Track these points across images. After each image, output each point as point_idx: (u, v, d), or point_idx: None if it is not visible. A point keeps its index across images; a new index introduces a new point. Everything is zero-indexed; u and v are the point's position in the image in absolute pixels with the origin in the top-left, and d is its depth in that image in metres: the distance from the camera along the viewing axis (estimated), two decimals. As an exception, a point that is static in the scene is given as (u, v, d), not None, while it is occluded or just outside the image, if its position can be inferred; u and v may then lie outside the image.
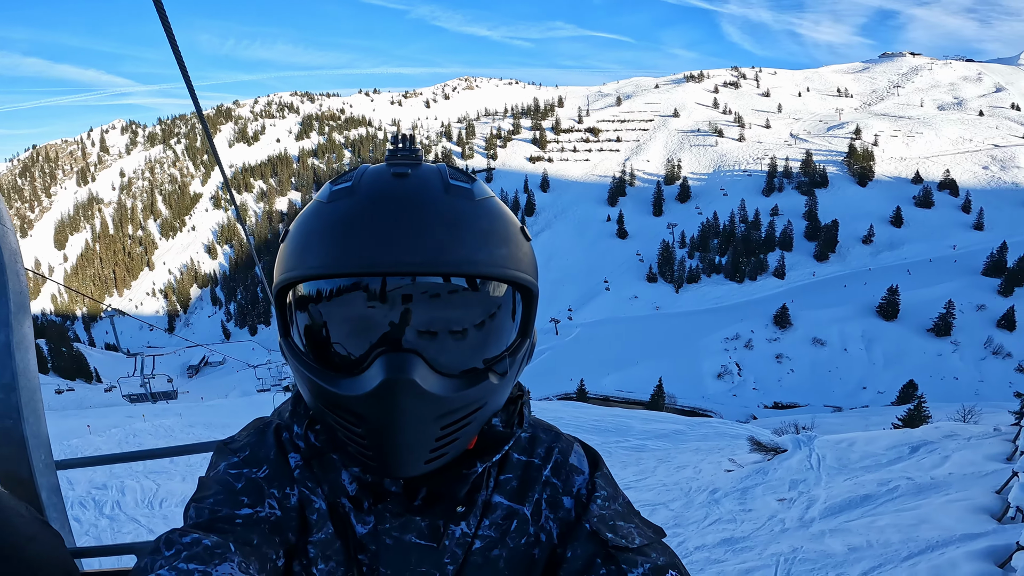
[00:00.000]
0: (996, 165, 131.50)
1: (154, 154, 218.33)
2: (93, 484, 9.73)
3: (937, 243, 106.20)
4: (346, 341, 0.69)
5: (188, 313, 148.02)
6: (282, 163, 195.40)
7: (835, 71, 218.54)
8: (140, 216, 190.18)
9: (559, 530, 0.83)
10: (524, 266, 0.72)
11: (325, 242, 0.66)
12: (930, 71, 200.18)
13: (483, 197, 0.72)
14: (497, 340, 0.73)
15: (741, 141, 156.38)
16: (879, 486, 9.61)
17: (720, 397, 77.97)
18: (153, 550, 0.64)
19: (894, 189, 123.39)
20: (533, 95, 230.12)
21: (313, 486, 0.79)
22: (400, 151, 0.74)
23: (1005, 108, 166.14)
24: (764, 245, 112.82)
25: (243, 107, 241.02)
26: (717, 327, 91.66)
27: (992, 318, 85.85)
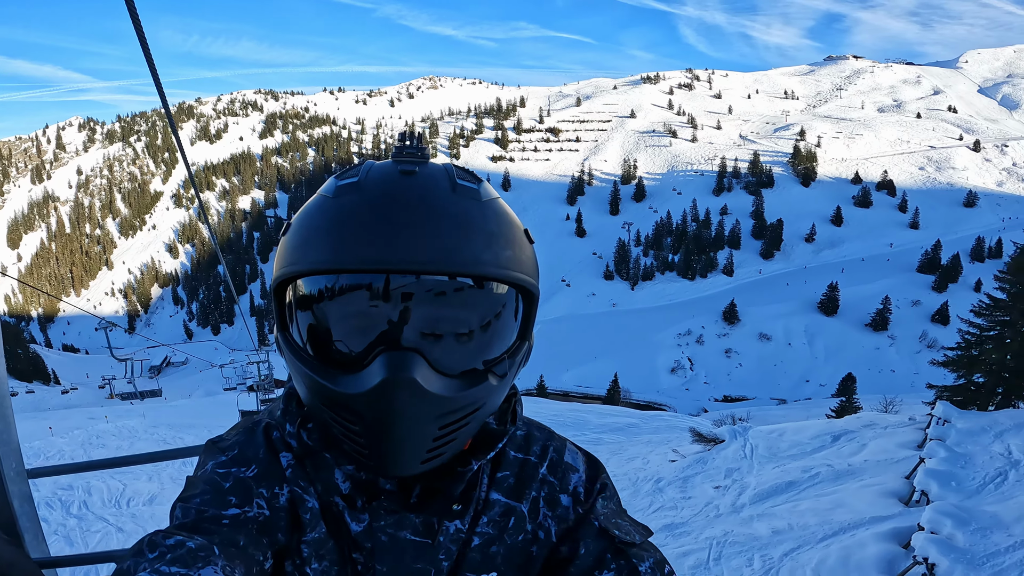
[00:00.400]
0: (932, 166, 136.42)
1: (113, 152, 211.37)
2: (59, 485, 9.74)
3: (875, 241, 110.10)
4: (347, 338, 0.68)
5: (149, 313, 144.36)
6: (245, 161, 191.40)
7: (783, 73, 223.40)
8: (98, 215, 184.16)
9: (557, 528, 0.83)
10: (527, 268, 0.71)
11: (329, 237, 0.65)
12: (872, 74, 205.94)
13: (489, 198, 0.71)
14: (498, 342, 0.72)
15: (694, 142, 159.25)
16: (802, 473, 10.34)
17: (673, 391, 79.80)
18: (136, 552, 0.62)
19: (835, 189, 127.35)
20: (496, 95, 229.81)
21: (306, 485, 0.77)
22: (407, 148, 0.72)
23: (942, 111, 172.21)
24: (714, 243, 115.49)
25: (206, 104, 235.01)
26: (670, 323, 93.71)
27: (927, 313, 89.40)
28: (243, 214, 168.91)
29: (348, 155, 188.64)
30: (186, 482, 0.78)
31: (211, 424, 21.22)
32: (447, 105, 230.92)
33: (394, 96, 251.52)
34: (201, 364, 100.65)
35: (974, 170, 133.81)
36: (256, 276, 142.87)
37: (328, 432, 0.76)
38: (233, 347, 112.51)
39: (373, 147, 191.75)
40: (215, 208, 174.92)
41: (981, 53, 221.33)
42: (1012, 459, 8.66)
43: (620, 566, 0.75)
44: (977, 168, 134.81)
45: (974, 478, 8.27)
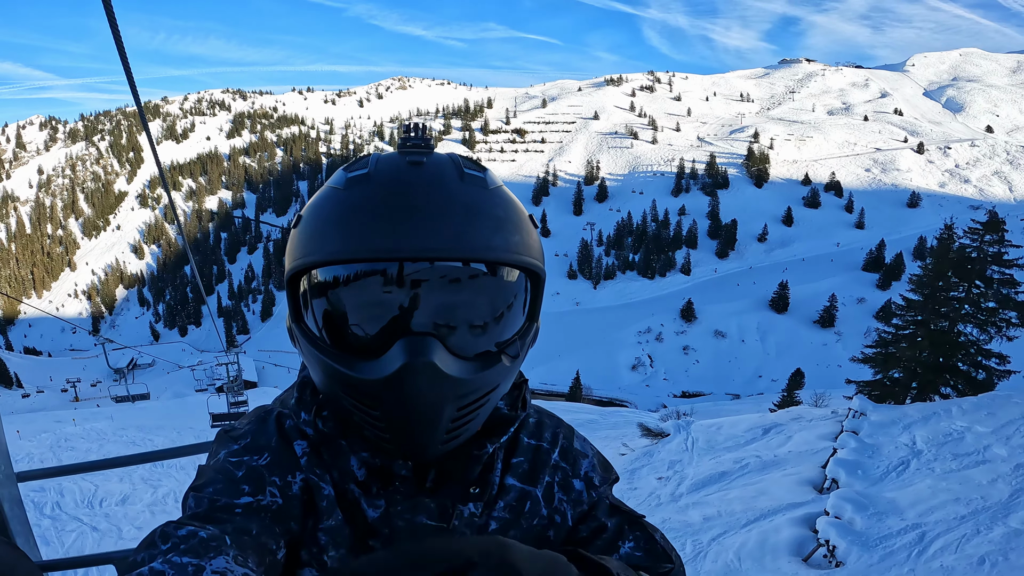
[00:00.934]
0: (877, 167, 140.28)
1: (75, 151, 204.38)
2: (30, 487, 9.55)
3: (823, 241, 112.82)
4: (365, 325, 0.69)
5: (114, 315, 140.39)
6: (212, 161, 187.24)
7: (739, 76, 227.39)
8: (60, 215, 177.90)
9: (573, 511, 0.85)
10: (535, 252, 0.73)
11: (343, 227, 0.65)
12: (823, 77, 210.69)
13: (495, 186, 0.72)
14: (510, 324, 0.74)
15: (654, 143, 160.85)
16: (734, 464, 10.84)
17: (634, 388, 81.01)
18: (148, 543, 0.61)
19: (786, 190, 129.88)
20: (464, 96, 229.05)
21: (322, 472, 0.77)
22: (412, 139, 0.73)
23: (888, 113, 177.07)
24: (673, 243, 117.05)
25: (172, 104, 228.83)
26: (631, 321, 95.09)
27: (871, 310, 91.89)
28: (210, 214, 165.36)
29: (316, 155, 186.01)
30: (198, 471, 0.78)
31: (180, 426, 21.06)
32: (416, 106, 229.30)
33: (363, 96, 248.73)
34: (168, 366, 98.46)
35: (918, 171, 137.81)
36: (224, 277, 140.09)
37: (344, 419, 0.77)
38: (201, 348, 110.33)
39: (342, 147, 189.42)
40: (181, 208, 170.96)
41: (927, 56, 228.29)
42: (915, 449, 9.34)
43: (637, 537, 0.82)
44: (921, 169, 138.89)
45: (879, 467, 8.90)
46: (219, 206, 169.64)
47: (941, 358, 13.11)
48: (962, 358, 12.84)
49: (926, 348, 13.25)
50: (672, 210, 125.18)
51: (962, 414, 9.93)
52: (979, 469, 7.73)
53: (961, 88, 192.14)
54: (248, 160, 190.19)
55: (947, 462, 8.36)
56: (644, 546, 0.80)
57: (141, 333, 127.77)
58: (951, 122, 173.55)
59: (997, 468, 7.57)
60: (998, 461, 7.88)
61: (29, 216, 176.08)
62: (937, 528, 6.51)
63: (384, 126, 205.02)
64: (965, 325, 13.19)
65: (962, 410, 10.18)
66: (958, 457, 8.42)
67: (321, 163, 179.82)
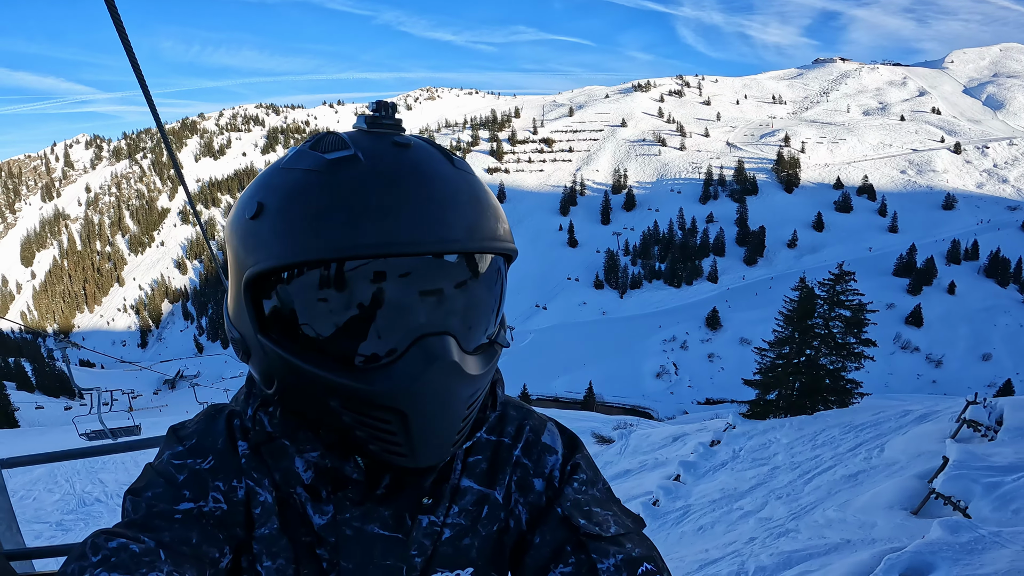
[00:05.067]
0: (913, 169, 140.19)
1: (120, 169, 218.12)
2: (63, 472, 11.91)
3: (855, 246, 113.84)
4: (380, 329, 0.61)
5: (160, 328, 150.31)
6: (248, 177, 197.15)
7: (771, 77, 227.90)
8: (108, 232, 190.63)
9: (528, 515, 0.77)
10: (512, 237, 0.70)
11: (346, 217, 0.57)
12: (858, 76, 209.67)
13: (473, 171, 0.68)
14: (499, 312, 0.71)
15: (682, 150, 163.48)
16: (639, 464, 14.82)
17: (658, 395, 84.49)
18: (79, 555, 0.59)
19: (817, 195, 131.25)
20: (491, 106, 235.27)
21: (259, 476, 0.72)
22: (384, 118, 0.66)
23: (926, 112, 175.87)
24: (700, 251, 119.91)
25: (208, 120, 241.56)
26: (656, 330, 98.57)
27: (901, 315, 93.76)
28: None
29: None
30: (143, 471, 0.74)
31: None
32: (444, 116, 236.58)
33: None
34: (213, 378, 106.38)
35: (954, 172, 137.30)
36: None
37: (291, 416, 0.70)
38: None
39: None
40: (220, 224, 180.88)
41: (967, 53, 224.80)
42: (738, 454, 13.76)
43: (580, 561, 0.68)
44: (957, 170, 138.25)
45: (706, 467, 13.41)
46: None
47: (804, 381, 17.39)
48: (826, 385, 17.06)
49: (797, 374, 17.53)
50: (700, 218, 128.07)
51: (784, 429, 14.34)
52: (753, 470, 12.20)
53: (1001, 84, 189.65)
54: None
55: (745, 464, 12.82)
56: (583, 573, 0.67)
57: (186, 346, 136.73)
58: (991, 120, 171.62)
59: (761, 469, 12.06)
60: (771, 465, 12.35)
61: (79, 233, 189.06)
62: (700, 507, 11.05)
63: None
64: (826, 357, 17.48)
65: (790, 425, 14.59)
66: (755, 461, 12.86)
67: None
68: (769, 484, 11.44)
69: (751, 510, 10.45)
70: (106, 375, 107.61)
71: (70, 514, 10.79)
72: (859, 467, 10.46)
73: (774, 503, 10.61)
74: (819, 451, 12.32)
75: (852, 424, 13.19)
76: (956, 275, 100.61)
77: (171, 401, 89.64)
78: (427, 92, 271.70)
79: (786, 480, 11.32)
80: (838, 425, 13.47)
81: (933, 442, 9.78)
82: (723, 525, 10.14)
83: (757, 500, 10.92)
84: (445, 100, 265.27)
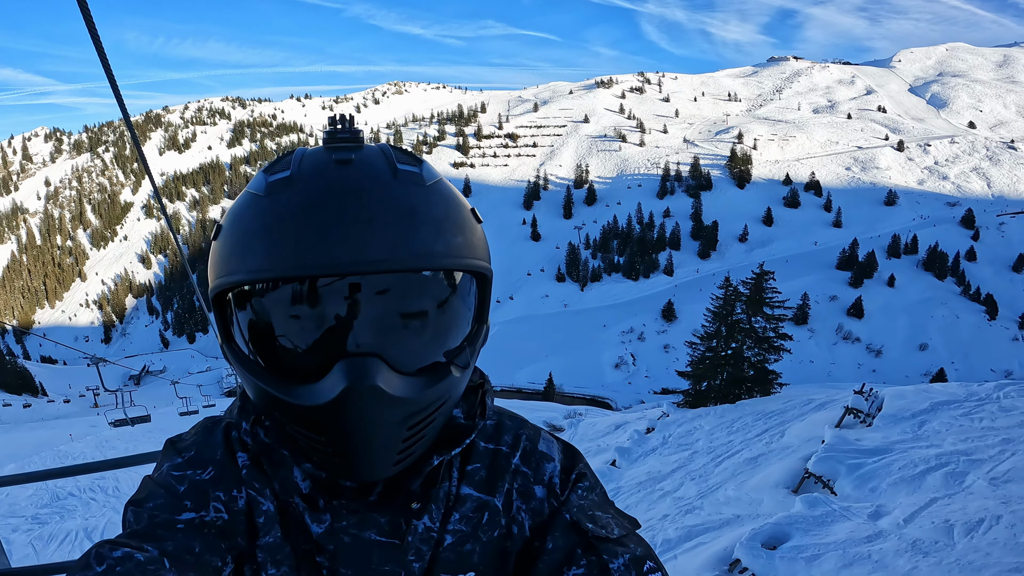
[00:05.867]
0: (857, 166, 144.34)
1: (81, 162, 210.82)
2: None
3: (802, 240, 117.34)
4: (299, 348, 0.62)
5: (125, 323, 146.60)
6: (214, 171, 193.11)
7: (728, 75, 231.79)
8: (69, 226, 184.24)
9: (531, 521, 0.78)
10: (480, 252, 0.67)
11: (267, 242, 0.59)
12: (810, 75, 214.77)
13: (433, 181, 0.65)
14: (456, 331, 0.68)
15: (642, 146, 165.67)
16: (584, 451, 16.06)
17: (617, 385, 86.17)
18: (83, 565, 0.58)
19: (767, 190, 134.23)
20: (458, 101, 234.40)
21: (260, 487, 0.73)
22: (339, 132, 0.66)
23: (872, 111, 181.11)
24: (657, 245, 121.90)
25: (173, 113, 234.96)
26: (615, 322, 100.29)
27: (843, 307, 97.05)
28: (214, 224, 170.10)
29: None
30: (141, 483, 0.74)
31: None
32: (411, 111, 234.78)
33: (360, 102, 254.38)
34: (179, 373, 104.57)
35: (897, 169, 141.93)
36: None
37: (293, 438, 0.70)
38: (208, 355, 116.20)
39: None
40: (186, 218, 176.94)
41: (914, 52, 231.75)
42: (667, 440, 14.79)
43: (591, 563, 0.70)
44: (900, 167, 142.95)
45: (639, 452, 14.39)
46: (222, 215, 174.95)
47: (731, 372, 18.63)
48: (750, 376, 18.29)
49: (725, 366, 18.72)
50: (657, 212, 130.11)
51: (708, 416, 15.39)
52: (676, 455, 13.18)
53: (946, 84, 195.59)
54: (249, 169, 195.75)
55: (671, 450, 13.81)
56: (596, 573, 0.69)
57: (152, 340, 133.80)
58: (934, 118, 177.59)
59: (683, 454, 13.04)
60: (692, 450, 13.34)
61: (39, 228, 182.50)
62: (628, 489, 11.95)
63: (380, 132, 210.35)
64: (750, 350, 18.73)
65: (714, 414, 15.65)
66: (680, 447, 13.85)
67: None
68: (688, 467, 12.42)
69: (669, 490, 11.38)
70: (69, 371, 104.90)
71: (44, 508, 10.97)
72: (760, 451, 11.47)
73: (688, 484, 11.57)
74: (733, 436, 13.35)
75: (764, 412, 14.29)
76: (896, 268, 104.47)
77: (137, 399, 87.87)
78: (395, 86, 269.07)
79: (701, 463, 12.31)
80: (753, 413, 14.56)
81: (823, 428, 10.81)
82: (645, 504, 11.05)
83: (675, 481, 11.87)
84: (413, 94, 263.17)
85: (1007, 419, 8.88)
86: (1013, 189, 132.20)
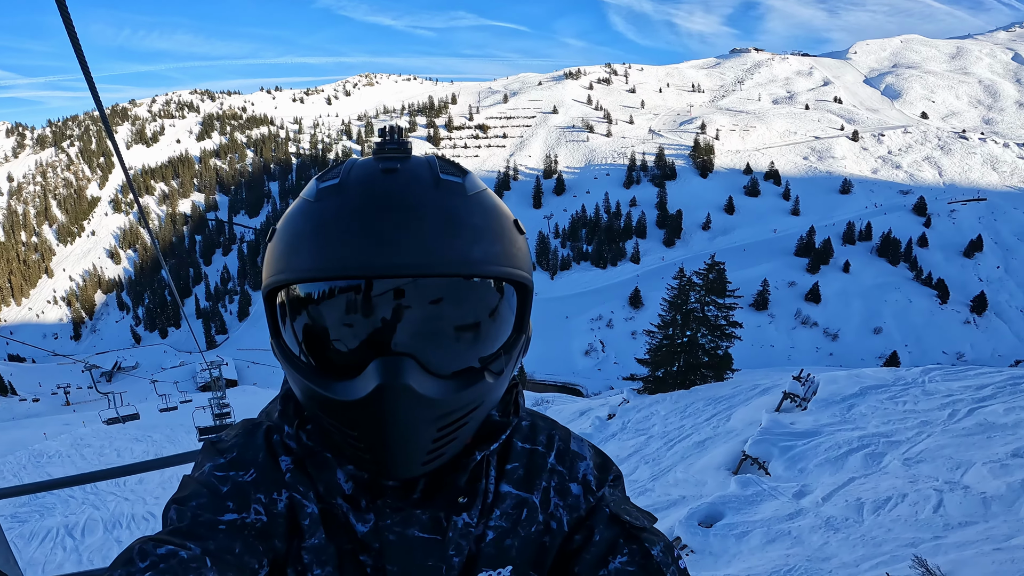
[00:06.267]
0: (814, 155, 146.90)
1: (45, 157, 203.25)
2: None
3: (762, 228, 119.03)
4: (339, 345, 0.65)
5: (94, 319, 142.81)
6: (183, 164, 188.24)
7: (692, 66, 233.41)
8: (34, 222, 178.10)
9: (569, 517, 0.82)
10: (519, 262, 0.69)
11: (313, 243, 0.62)
12: (770, 66, 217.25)
13: (476, 191, 0.67)
14: (492, 338, 0.70)
15: (608, 137, 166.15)
16: None
17: (587, 372, 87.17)
18: (126, 560, 0.59)
19: (729, 180, 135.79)
20: (428, 92, 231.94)
21: (305, 489, 0.74)
22: (388, 143, 0.69)
23: (829, 101, 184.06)
24: (623, 233, 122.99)
25: (140, 106, 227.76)
26: (584, 309, 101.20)
27: (801, 293, 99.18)
28: (184, 217, 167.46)
29: (286, 155, 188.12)
30: (182, 482, 0.75)
31: (174, 423, 25.96)
32: (383, 103, 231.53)
33: (331, 94, 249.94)
34: (152, 368, 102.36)
35: (852, 159, 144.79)
36: (200, 279, 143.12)
37: (329, 434, 0.72)
38: (181, 349, 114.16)
39: (311, 147, 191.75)
40: (155, 212, 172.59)
41: (869, 44, 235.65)
42: (626, 425, 15.32)
43: (633, 551, 0.75)
44: (855, 157, 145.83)
45: (600, 438, 14.89)
46: (192, 209, 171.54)
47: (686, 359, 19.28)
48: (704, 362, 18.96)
49: (681, 353, 19.35)
50: (624, 202, 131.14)
51: (665, 402, 15.94)
52: (634, 440, 13.68)
53: (900, 75, 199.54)
54: (219, 162, 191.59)
55: (630, 435, 14.31)
56: (639, 561, 0.74)
57: (123, 336, 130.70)
58: (888, 109, 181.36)
59: (640, 439, 13.54)
60: (648, 435, 13.86)
61: (2, 224, 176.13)
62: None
63: (352, 124, 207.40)
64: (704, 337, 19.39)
65: (670, 399, 16.21)
66: (637, 432, 14.36)
67: (291, 163, 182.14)
68: (643, 451, 12.92)
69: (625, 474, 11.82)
70: (37, 369, 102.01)
71: (23, 506, 11.03)
72: (708, 435, 12.02)
73: (642, 467, 12.03)
74: (685, 421, 13.91)
75: (714, 397, 14.87)
76: (851, 255, 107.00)
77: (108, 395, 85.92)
78: (366, 78, 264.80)
79: (655, 448, 12.81)
80: (704, 398, 15.14)
81: (765, 412, 11.38)
82: (600, 489, 11.49)
83: (631, 466, 12.32)
84: (384, 86, 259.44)
85: (928, 402, 9.49)
86: (964, 177, 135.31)
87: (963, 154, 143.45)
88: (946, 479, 6.23)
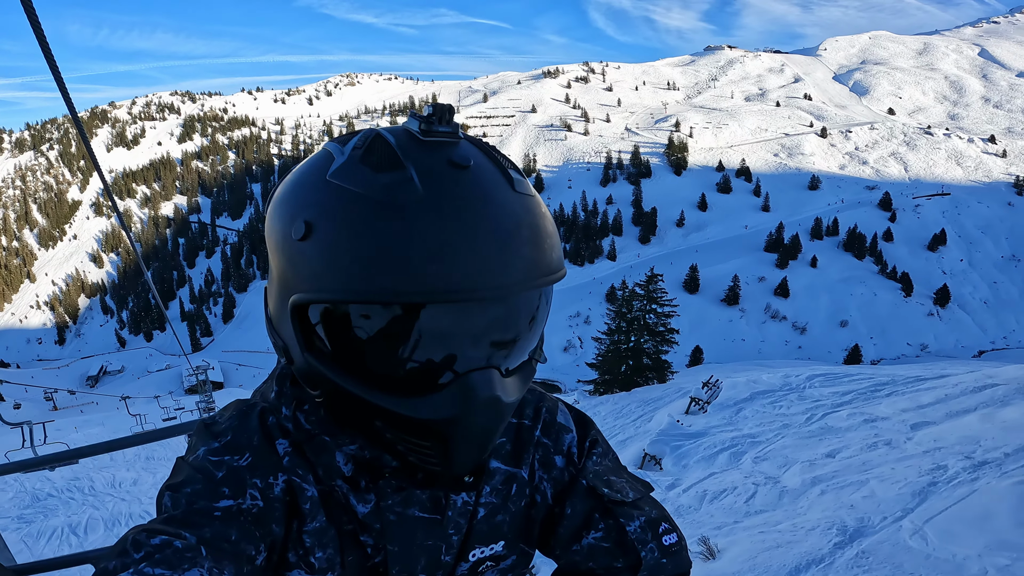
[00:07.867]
0: (784, 152, 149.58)
1: (24, 161, 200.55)
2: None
3: (734, 224, 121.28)
4: (424, 361, 0.61)
5: (79, 324, 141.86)
6: (165, 167, 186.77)
7: (667, 64, 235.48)
8: (14, 226, 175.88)
9: (553, 489, 0.81)
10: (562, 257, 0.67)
11: (402, 261, 0.54)
12: (743, 63, 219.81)
13: (528, 186, 0.64)
14: (541, 332, 0.70)
15: (586, 135, 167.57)
16: None
17: (566, 368, 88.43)
18: (120, 551, 0.56)
19: (702, 177, 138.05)
20: (409, 92, 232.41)
21: (304, 472, 0.71)
22: (439, 124, 0.61)
23: (799, 98, 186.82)
24: (600, 231, 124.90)
25: (120, 108, 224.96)
26: (563, 306, 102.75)
27: (770, 288, 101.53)
28: (167, 220, 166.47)
29: (268, 157, 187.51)
30: (176, 466, 0.71)
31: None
32: (364, 103, 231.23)
33: (312, 94, 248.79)
34: (138, 371, 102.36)
35: (820, 155, 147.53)
36: (184, 281, 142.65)
37: (327, 414, 0.71)
38: (167, 352, 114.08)
39: (293, 148, 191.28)
40: (138, 215, 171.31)
41: (839, 40, 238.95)
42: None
43: (608, 526, 0.74)
44: (823, 153, 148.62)
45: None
46: (175, 212, 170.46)
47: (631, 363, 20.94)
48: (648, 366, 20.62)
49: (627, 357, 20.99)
50: (600, 199, 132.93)
51: (607, 403, 17.49)
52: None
53: (868, 71, 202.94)
54: (201, 164, 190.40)
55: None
56: (614, 537, 0.73)
57: (107, 340, 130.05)
58: (856, 105, 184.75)
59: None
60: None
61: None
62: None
63: (333, 124, 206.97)
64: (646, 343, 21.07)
65: (612, 400, 17.76)
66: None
67: (273, 164, 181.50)
68: (578, 450, 14.44)
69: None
70: (22, 375, 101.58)
71: (28, 509, 11.33)
72: (631, 433, 13.51)
73: (574, 465, 13.58)
74: (618, 421, 15.40)
75: (646, 399, 16.41)
76: (818, 250, 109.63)
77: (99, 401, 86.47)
78: (347, 78, 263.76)
79: (588, 446, 14.35)
80: (638, 400, 16.68)
81: (667, 415, 12.93)
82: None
83: (566, 463, 13.84)
84: (365, 86, 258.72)
85: (798, 407, 11.06)
86: (929, 172, 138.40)
87: (928, 149, 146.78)
88: (770, 475, 7.76)
